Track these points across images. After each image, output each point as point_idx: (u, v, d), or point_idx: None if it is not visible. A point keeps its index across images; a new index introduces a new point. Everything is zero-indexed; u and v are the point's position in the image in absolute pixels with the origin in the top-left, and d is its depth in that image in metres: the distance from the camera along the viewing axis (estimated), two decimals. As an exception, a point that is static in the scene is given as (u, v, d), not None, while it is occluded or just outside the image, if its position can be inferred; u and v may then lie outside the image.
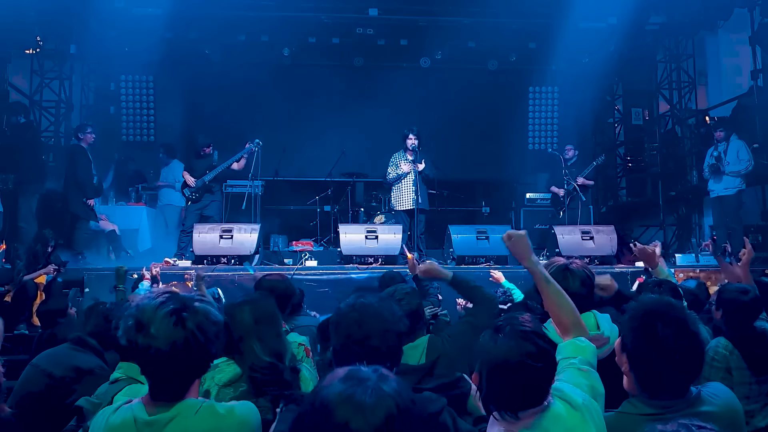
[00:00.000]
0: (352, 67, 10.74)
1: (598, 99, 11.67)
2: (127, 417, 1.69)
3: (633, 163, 12.01)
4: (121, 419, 1.69)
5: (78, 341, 2.87)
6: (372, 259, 7.41)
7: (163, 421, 1.66)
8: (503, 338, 1.74)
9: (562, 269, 2.61)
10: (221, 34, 10.14)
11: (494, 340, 1.75)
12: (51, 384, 2.62)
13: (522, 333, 1.74)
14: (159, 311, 1.64)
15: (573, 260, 2.72)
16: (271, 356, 2.38)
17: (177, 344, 1.62)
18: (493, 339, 1.76)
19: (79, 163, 8.10)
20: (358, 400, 1.12)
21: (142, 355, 1.65)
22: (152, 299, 1.68)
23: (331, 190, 9.74)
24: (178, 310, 1.65)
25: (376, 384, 1.15)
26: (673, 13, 9.92)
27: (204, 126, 10.77)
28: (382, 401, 1.13)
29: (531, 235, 9.42)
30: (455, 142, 11.02)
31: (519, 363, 1.69)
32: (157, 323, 1.62)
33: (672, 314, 1.84)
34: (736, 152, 8.23)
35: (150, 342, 1.62)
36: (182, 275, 6.82)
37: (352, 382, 1.16)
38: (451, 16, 9.78)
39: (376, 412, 1.11)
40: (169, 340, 1.61)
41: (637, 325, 1.86)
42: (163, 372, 1.67)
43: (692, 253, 8.40)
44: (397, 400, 1.14)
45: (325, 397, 1.14)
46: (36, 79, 9.90)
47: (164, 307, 1.65)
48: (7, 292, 6.49)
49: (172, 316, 1.63)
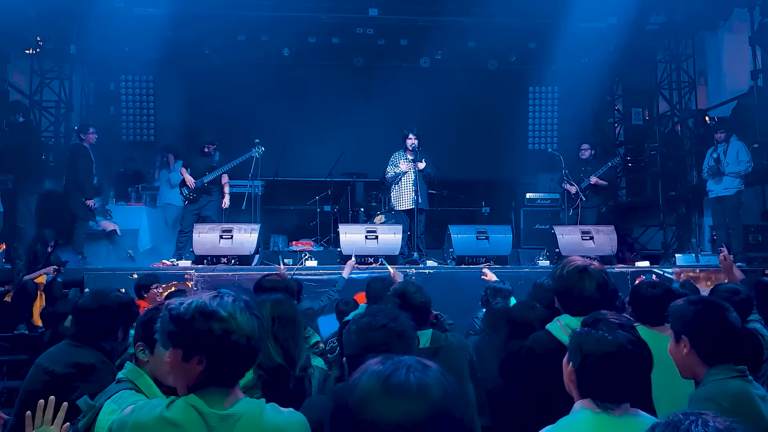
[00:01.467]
0: (352, 67, 10.74)
1: (598, 99, 11.68)
2: (188, 411, 1.64)
3: (633, 163, 12.01)
4: (182, 414, 1.64)
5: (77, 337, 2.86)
6: (372, 259, 7.41)
7: (235, 417, 1.66)
8: (602, 332, 1.82)
9: (579, 270, 2.48)
10: (221, 34, 10.14)
11: (595, 335, 1.82)
12: (52, 381, 2.61)
13: (619, 326, 1.83)
14: (235, 305, 1.69)
15: (592, 261, 2.57)
16: (284, 359, 2.36)
17: (253, 336, 1.68)
18: (593, 334, 1.83)
19: (80, 163, 8.10)
20: (404, 384, 1.05)
21: (215, 345, 1.64)
22: (212, 298, 1.70)
23: (331, 190, 9.74)
24: (248, 304, 1.72)
25: (419, 366, 1.09)
26: (673, 13, 9.93)
27: (204, 126, 10.76)
28: (431, 384, 1.06)
29: (531, 235, 9.45)
30: (455, 142, 11.02)
31: (626, 352, 1.77)
32: (238, 316, 1.66)
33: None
34: (735, 153, 8.23)
35: (231, 331, 1.65)
36: (182, 275, 6.84)
37: (393, 368, 1.08)
38: (451, 16, 9.78)
39: (426, 394, 1.04)
40: (247, 332, 1.66)
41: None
42: (235, 363, 1.69)
43: (692, 253, 8.40)
44: (444, 383, 1.08)
45: (366, 386, 1.06)
46: (36, 79, 9.90)
47: (238, 302, 1.70)
48: (7, 292, 6.49)
49: (246, 309, 1.69)
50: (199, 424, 1.63)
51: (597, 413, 1.78)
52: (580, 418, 1.80)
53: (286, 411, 1.78)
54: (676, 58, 10.83)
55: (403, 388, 1.04)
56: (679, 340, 2.24)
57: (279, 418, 1.73)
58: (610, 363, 1.77)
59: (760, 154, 8.64)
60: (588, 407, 1.81)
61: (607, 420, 1.76)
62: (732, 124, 8.90)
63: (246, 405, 1.70)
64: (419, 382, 1.05)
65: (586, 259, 2.59)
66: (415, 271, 7.14)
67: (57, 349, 2.79)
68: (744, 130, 8.63)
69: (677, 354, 2.26)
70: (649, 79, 11.36)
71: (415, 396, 1.03)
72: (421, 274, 7.07)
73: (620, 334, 1.80)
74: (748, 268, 7.44)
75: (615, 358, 1.77)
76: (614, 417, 1.76)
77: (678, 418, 1.24)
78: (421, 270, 7.21)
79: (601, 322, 1.85)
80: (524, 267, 7.98)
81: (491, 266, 7.51)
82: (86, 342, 2.75)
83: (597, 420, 1.77)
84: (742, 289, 3.51)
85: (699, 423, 1.21)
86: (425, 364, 1.10)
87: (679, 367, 2.28)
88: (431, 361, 1.13)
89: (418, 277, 7.00)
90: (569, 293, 2.49)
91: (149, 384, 2.26)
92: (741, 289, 3.48)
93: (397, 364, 1.09)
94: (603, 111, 12.20)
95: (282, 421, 1.73)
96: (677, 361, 2.27)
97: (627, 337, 1.80)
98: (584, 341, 1.84)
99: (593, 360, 1.80)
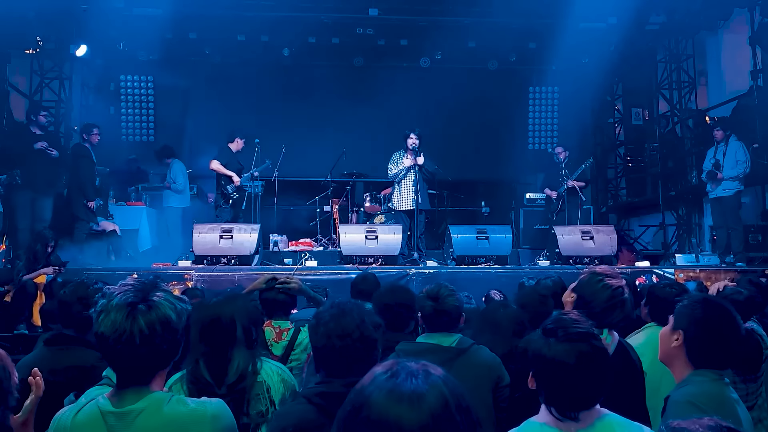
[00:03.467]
0: (352, 67, 10.74)
1: (598, 99, 11.68)
2: (93, 411, 1.68)
3: (633, 163, 12.02)
4: (88, 415, 1.68)
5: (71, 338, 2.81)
6: (372, 259, 7.41)
7: (135, 412, 1.66)
8: (556, 341, 1.76)
9: (598, 279, 2.51)
10: (221, 34, 10.14)
11: (547, 344, 1.77)
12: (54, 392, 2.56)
13: (576, 335, 1.77)
14: (116, 301, 1.66)
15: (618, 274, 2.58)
16: (210, 375, 2.23)
17: (126, 337, 1.63)
18: (546, 342, 1.78)
19: (82, 164, 8.10)
20: (408, 391, 1.04)
21: (102, 344, 1.68)
22: (118, 289, 1.71)
23: (331, 190, 9.74)
24: (134, 303, 1.66)
25: (423, 370, 1.08)
26: (673, 13, 9.92)
27: (204, 126, 10.80)
28: (435, 389, 1.05)
29: (531, 235, 9.47)
30: (455, 142, 11.02)
31: (576, 364, 1.71)
32: (113, 314, 1.64)
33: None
34: (734, 154, 8.24)
35: (104, 331, 1.65)
36: (182, 275, 6.85)
37: (397, 374, 1.07)
38: (451, 16, 9.78)
39: (428, 400, 1.03)
40: (118, 332, 1.63)
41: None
42: (123, 362, 1.68)
43: (692, 253, 8.40)
44: (449, 387, 1.07)
45: (371, 393, 1.05)
46: (36, 79, 9.89)
47: (123, 297, 1.66)
48: (7, 292, 6.49)
49: (126, 308, 1.65)
50: (99, 424, 1.66)
51: (542, 425, 1.74)
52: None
53: (194, 402, 1.75)
54: (676, 58, 10.82)
55: (397, 394, 1.04)
56: (674, 331, 2.23)
57: (183, 409, 1.70)
58: (562, 374, 1.72)
59: (760, 154, 8.64)
60: (540, 417, 1.77)
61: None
62: (732, 124, 8.89)
63: (151, 399, 1.68)
64: (415, 389, 1.04)
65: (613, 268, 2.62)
66: (415, 271, 7.14)
67: (45, 358, 2.65)
68: (744, 130, 8.62)
69: (666, 341, 2.25)
70: (649, 79, 11.35)
71: (408, 403, 1.02)
72: (421, 274, 7.06)
73: (576, 345, 1.74)
74: (748, 268, 7.45)
75: (566, 369, 1.72)
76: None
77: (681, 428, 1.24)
78: (421, 270, 7.21)
79: (560, 331, 1.79)
80: (524, 267, 7.98)
81: (491, 266, 7.52)
82: (68, 341, 2.70)
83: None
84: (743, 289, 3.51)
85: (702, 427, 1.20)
86: (428, 371, 1.09)
87: (661, 350, 2.28)
88: (438, 368, 1.11)
89: (418, 277, 7.01)
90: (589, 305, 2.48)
91: None
92: (741, 290, 3.47)
93: (399, 370, 1.08)
94: (603, 111, 12.20)
95: (185, 412, 1.70)
96: (663, 345, 2.26)
97: (580, 349, 1.73)
98: (536, 348, 1.80)
99: (543, 369, 1.76)
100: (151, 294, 1.70)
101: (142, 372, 1.71)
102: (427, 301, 2.89)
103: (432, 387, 1.05)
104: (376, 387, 1.06)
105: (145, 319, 1.65)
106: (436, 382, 1.06)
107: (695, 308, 2.21)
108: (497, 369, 2.83)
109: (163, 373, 1.77)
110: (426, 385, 1.05)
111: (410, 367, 1.09)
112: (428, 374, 1.08)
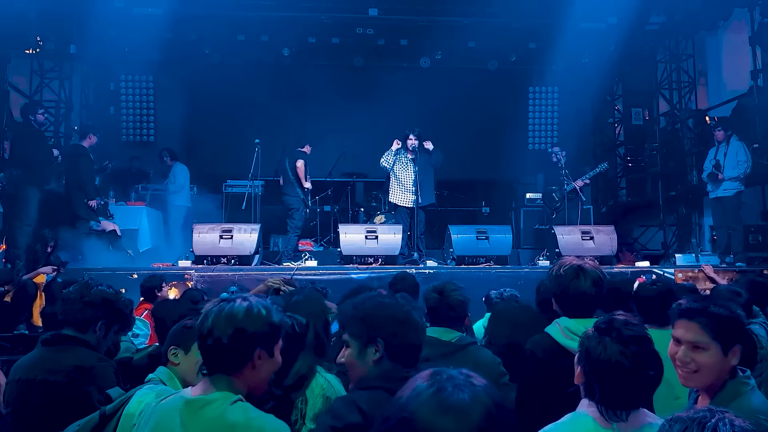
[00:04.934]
0: (352, 67, 10.73)
1: (598, 99, 11.67)
2: (176, 399, 1.82)
3: (633, 163, 12.02)
4: (171, 402, 1.82)
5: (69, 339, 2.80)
6: (372, 259, 7.41)
7: (200, 403, 1.75)
8: (611, 342, 1.77)
9: (575, 268, 2.51)
10: (221, 34, 10.14)
11: (603, 344, 1.78)
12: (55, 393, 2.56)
13: (631, 337, 1.78)
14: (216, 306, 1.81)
15: (586, 260, 2.61)
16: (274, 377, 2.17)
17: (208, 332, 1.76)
18: (601, 342, 1.79)
19: (81, 163, 8.10)
20: (454, 402, 1.05)
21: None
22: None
23: (331, 190, 9.74)
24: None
25: (468, 382, 1.09)
26: (673, 13, 9.92)
27: (204, 126, 10.80)
28: (478, 399, 1.06)
29: (531, 235, 9.46)
30: (455, 142, 11.00)
31: (631, 367, 1.73)
32: (213, 316, 1.78)
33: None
34: (735, 154, 8.23)
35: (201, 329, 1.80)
36: (182, 275, 6.84)
37: (443, 383, 1.08)
38: (451, 16, 9.78)
39: (474, 411, 1.04)
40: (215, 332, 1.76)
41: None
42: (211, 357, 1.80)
43: (692, 253, 8.40)
44: (492, 397, 1.08)
45: (414, 404, 1.05)
46: (36, 79, 9.89)
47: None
48: (7, 292, 6.48)
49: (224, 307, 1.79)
50: (176, 409, 1.77)
51: (597, 423, 1.75)
52: (581, 423, 1.78)
53: (256, 414, 1.76)
54: (676, 58, 10.82)
55: (444, 408, 1.04)
56: (729, 352, 1.96)
57: (240, 416, 1.72)
58: (616, 374, 1.74)
59: (760, 154, 8.64)
60: (589, 410, 1.79)
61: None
62: (732, 124, 8.90)
63: (220, 396, 1.76)
64: (461, 403, 1.05)
65: (580, 258, 2.60)
66: (415, 271, 7.14)
67: (44, 359, 2.65)
68: (744, 130, 8.62)
69: (723, 365, 1.96)
70: (649, 79, 11.35)
71: (455, 416, 1.03)
72: (421, 274, 7.06)
73: (631, 347, 1.75)
74: (748, 268, 7.45)
75: (622, 370, 1.73)
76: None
77: (702, 414, 1.23)
78: (421, 270, 7.20)
79: (615, 329, 1.79)
80: (524, 267, 7.99)
81: (491, 266, 7.53)
82: (67, 341, 2.70)
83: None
84: (742, 290, 3.52)
85: (726, 421, 1.20)
86: (472, 382, 1.10)
87: (714, 381, 1.98)
88: (480, 378, 1.12)
89: (418, 277, 6.99)
90: (566, 292, 2.49)
91: (179, 387, 2.31)
92: (741, 291, 3.48)
93: (444, 382, 1.08)
94: (603, 111, 12.19)
95: (241, 421, 1.71)
96: (718, 374, 1.97)
97: (635, 352, 1.75)
98: (593, 348, 1.79)
99: (599, 368, 1.77)
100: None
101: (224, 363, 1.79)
102: (433, 294, 2.92)
103: (476, 399, 1.06)
104: (422, 401, 1.06)
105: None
106: (480, 393, 1.07)
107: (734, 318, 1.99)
108: (495, 369, 2.82)
109: (242, 375, 1.80)
110: (471, 398, 1.06)
111: (455, 378, 1.09)
112: (473, 386, 1.08)
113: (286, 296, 2.70)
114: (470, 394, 1.06)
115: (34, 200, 7.93)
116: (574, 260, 2.57)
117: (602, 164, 9.36)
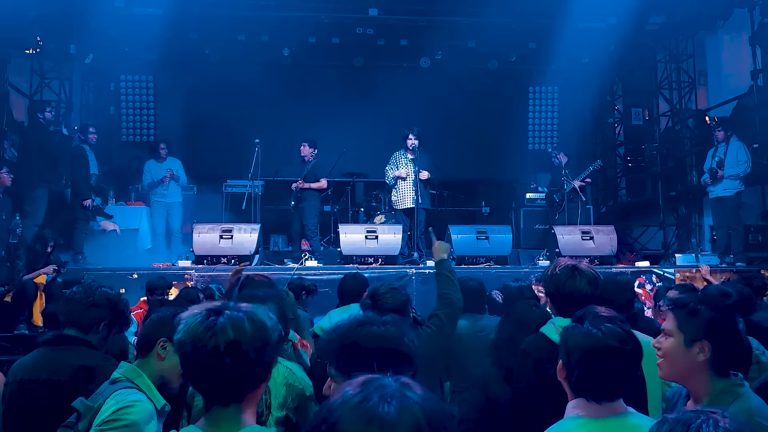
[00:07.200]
0: (352, 67, 10.73)
1: (598, 99, 11.68)
2: None
3: (633, 163, 12.01)
4: None
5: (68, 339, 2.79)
6: (372, 259, 7.42)
7: None
8: (589, 326, 1.80)
9: (570, 268, 2.54)
10: (221, 34, 10.13)
11: (580, 329, 1.81)
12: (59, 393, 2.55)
13: (607, 319, 1.81)
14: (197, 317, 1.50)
15: (580, 261, 2.67)
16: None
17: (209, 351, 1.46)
18: (578, 328, 1.82)
19: (76, 164, 8.11)
20: (379, 413, 0.97)
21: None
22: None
23: (331, 190, 9.74)
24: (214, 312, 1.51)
25: (399, 393, 1.01)
26: (673, 13, 9.92)
27: (204, 126, 10.79)
28: (407, 412, 0.98)
29: (531, 235, 9.45)
30: (455, 142, 11.02)
31: (611, 347, 1.75)
32: (192, 328, 1.47)
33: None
34: (735, 154, 8.24)
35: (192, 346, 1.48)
36: (182, 275, 6.85)
37: (370, 392, 1.00)
38: (451, 16, 9.78)
39: (400, 424, 0.96)
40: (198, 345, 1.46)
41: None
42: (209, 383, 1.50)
43: (692, 253, 8.41)
44: (425, 411, 0.99)
45: (338, 413, 0.99)
46: (36, 79, 9.88)
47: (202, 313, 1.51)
48: (7, 292, 6.49)
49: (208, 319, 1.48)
50: None
51: (585, 419, 1.76)
52: (570, 426, 1.78)
53: None
54: (676, 58, 10.82)
55: (366, 419, 0.97)
56: (693, 345, 1.98)
57: None
58: (596, 358, 1.75)
59: (760, 154, 8.64)
60: (579, 409, 1.79)
61: (596, 426, 1.74)
62: (732, 124, 8.90)
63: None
64: (386, 416, 0.97)
65: (576, 259, 2.66)
66: (415, 271, 7.15)
67: (47, 359, 2.65)
68: (744, 130, 8.62)
69: (686, 357, 1.99)
70: (649, 79, 11.36)
71: (378, 428, 0.96)
72: (421, 274, 7.07)
73: (605, 327, 1.78)
74: (747, 269, 7.45)
75: (600, 352, 1.75)
76: (601, 421, 1.75)
77: (688, 416, 1.24)
78: (421, 270, 7.21)
79: (589, 316, 1.84)
80: (524, 267, 7.99)
81: (491, 266, 7.53)
82: (70, 341, 2.70)
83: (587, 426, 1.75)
84: (732, 291, 3.46)
85: (710, 423, 1.21)
86: (404, 393, 1.01)
87: (680, 372, 2.02)
88: (419, 387, 1.04)
89: (418, 277, 7.02)
90: (560, 292, 2.52)
91: (148, 384, 2.25)
92: (731, 292, 3.41)
93: (371, 391, 1.01)
94: (603, 111, 12.20)
95: None
96: (682, 366, 2.00)
97: (612, 330, 1.77)
98: (570, 336, 1.83)
99: (579, 355, 1.78)
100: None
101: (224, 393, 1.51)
102: (366, 301, 2.95)
103: (404, 412, 0.98)
104: (347, 410, 0.99)
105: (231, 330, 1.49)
106: (410, 406, 0.99)
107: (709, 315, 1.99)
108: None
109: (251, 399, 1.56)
110: (397, 411, 0.98)
111: (385, 388, 1.01)
112: (403, 397, 1.00)
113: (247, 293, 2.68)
114: (397, 406, 0.98)
115: (43, 200, 7.93)
116: (568, 261, 2.61)
117: (596, 162, 9.36)
